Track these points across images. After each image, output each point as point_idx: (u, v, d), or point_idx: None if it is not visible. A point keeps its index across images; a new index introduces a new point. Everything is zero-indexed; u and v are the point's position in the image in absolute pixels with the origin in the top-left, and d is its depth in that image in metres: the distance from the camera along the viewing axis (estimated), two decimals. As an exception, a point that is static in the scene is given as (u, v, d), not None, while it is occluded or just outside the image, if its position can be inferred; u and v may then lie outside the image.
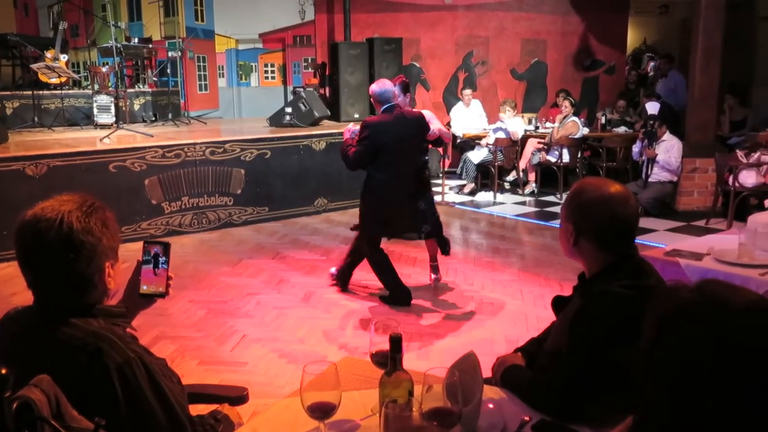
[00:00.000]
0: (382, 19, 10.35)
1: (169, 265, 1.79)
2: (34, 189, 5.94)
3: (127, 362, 1.48)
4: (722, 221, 7.16)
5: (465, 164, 9.31)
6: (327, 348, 4.14)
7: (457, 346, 4.07)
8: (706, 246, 3.55)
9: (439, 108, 10.73)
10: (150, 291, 1.78)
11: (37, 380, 1.37)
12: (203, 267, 5.83)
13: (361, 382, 1.95)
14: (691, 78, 8.07)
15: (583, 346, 1.75)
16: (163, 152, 6.77)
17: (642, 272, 1.83)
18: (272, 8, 12.04)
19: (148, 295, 1.78)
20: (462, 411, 1.54)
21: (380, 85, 4.79)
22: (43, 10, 12.70)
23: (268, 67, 12.74)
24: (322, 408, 1.59)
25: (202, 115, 11.16)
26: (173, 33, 11.83)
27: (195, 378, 3.71)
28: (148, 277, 1.77)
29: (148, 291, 1.77)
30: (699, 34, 7.78)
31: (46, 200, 1.56)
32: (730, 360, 1.02)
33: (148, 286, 1.77)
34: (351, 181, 8.05)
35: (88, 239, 1.53)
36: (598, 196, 1.84)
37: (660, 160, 7.71)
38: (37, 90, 8.98)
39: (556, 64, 10.84)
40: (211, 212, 7.11)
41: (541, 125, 9.82)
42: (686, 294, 1.10)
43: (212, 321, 4.64)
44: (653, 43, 13.20)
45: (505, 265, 5.86)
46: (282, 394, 3.32)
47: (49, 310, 1.55)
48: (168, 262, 1.79)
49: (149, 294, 1.78)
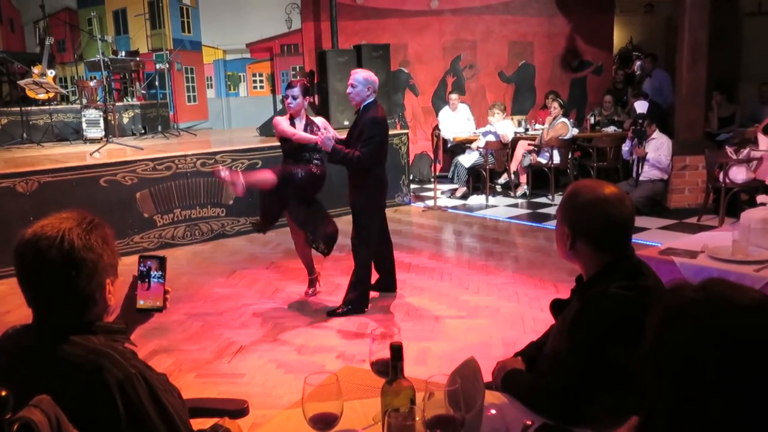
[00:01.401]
0: (369, 25, 10.37)
1: (165, 279, 1.78)
2: (25, 206, 5.92)
3: (128, 378, 1.47)
4: (714, 218, 7.21)
5: (456, 168, 9.33)
6: (325, 357, 4.13)
7: (454, 350, 4.07)
8: (700, 244, 3.56)
9: (429, 113, 10.77)
10: (147, 305, 1.77)
11: (37, 401, 1.35)
12: (197, 279, 5.81)
13: (362, 392, 1.94)
14: (678, 76, 8.12)
15: (583, 349, 1.75)
16: (153, 165, 6.76)
17: (639, 273, 1.83)
18: (259, 18, 12.05)
19: (146, 310, 1.77)
20: (464, 418, 1.53)
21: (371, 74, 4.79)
22: (29, 25, 12.68)
23: (257, 76, 12.75)
24: (325, 419, 1.58)
25: (191, 126, 11.15)
26: (160, 45, 11.82)
27: (193, 391, 3.68)
28: (144, 292, 1.76)
29: (145, 306, 1.77)
30: (684, 32, 7.84)
31: (44, 218, 1.55)
32: (735, 359, 1.02)
33: (145, 300, 1.76)
34: (342, 188, 8.01)
35: (90, 256, 1.52)
36: (593, 198, 1.84)
37: (650, 159, 7.75)
38: (25, 106, 8.97)
39: (544, 65, 10.89)
40: (203, 224, 7.09)
41: (530, 127, 9.86)
42: (691, 293, 1.11)
43: (208, 333, 4.62)
44: (639, 42, 13.30)
45: (499, 268, 5.87)
46: (281, 405, 3.31)
47: (48, 328, 1.54)
48: (164, 276, 1.78)
49: (146, 309, 1.77)
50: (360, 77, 4.70)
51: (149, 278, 1.77)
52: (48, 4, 10.86)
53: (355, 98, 4.73)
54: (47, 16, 10.95)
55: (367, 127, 4.66)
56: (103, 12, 12.62)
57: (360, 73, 4.76)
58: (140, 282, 1.76)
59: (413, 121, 10.78)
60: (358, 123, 4.77)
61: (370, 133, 4.64)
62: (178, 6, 12.29)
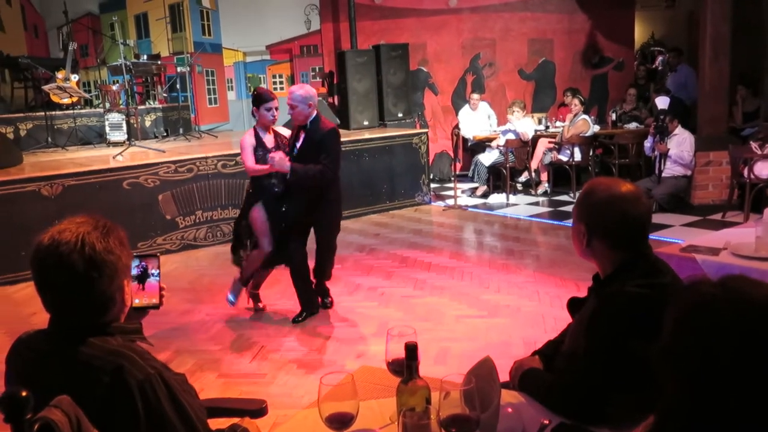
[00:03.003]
0: (388, 25, 10.37)
1: (160, 276, 1.81)
2: (49, 209, 6.01)
3: (148, 379, 1.49)
4: (739, 214, 7.10)
5: (476, 167, 9.30)
6: (345, 357, 4.15)
7: (474, 349, 4.06)
8: (723, 240, 3.52)
9: (449, 112, 10.75)
10: (143, 304, 1.80)
11: (57, 401, 1.38)
12: (219, 280, 5.85)
13: (379, 391, 1.95)
14: (701, 71, 8.02)
15: (600, 348, 1.74)
16: (175, 167, 6.82)
17: (657, 271, 1.81)
18: (278, 19, 12.10)
19: (141, 308, 1.80)
20: (480, 417, 1.53)
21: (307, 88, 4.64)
22: (52, 31, 12.85)
23: (276, 78, 12.80)
24: (340, 419, 1.59)
25: (212, 128, 11.23)
26: (181, 48, 11.93)
27: (215, 391, 3.72)
28: (139, 291, 1.79)
29: (140, 304, 1.79)
30: (706, 27, 7.74)
31: (57, 224, 1.57)
32: (753, 355, 1.01)
33: (140, 299, 1.79)
34: (363, 188, 8.10)
35: (110, 258, 1.55)
36: (608, 196, 1.83)
37: (672, 155, 7.66)
38: (49, 111, 9.10)
39: (564, 62, 10.82)
40: (225, 225, 7.14)
41: (551, 125, 9.79)
42: (708, 289, 1.10)
43: (230, 333, 4.65)
44: (661, 38, 13.12)
45: (520, 267, 5.84)
46: (301, 405, 3.33)
47: (67, 330, 1.57)
48: (159, 274, 1.81)
49: (142, 307, 1.80)
50: (298, 96, 4.48)
51: (145, 276, 1.79)
52: (71, 9, 11.01)
53: (299, 117, 4.54)
54: (70, 22, 11.10)
55: (328, 140, 4.53)
56: (125, 16, 12.76)
57: (296, 92, 4.52)
58: (135, 281, 1.78)
59: (433, 120, 10.77)
60: (311, 138, 4.55)
61: (331, 145, 4.54)
62: (198, 9, 12.38)
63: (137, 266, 1.79)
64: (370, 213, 8.21)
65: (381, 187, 8.36)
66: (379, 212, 8.29)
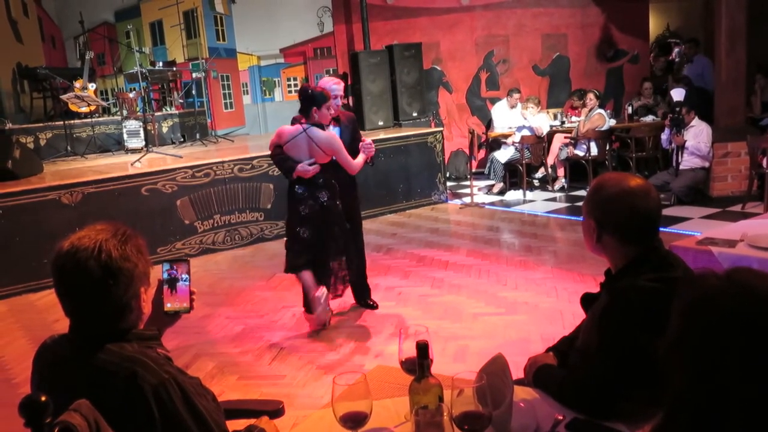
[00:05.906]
0: (400, 25, 10.38)
1: (190, 281, 1.83)
2: (70, 217, 6.09)
3: (162, 384, 1.52)
4: (759, 205, 7.02)
5: (492, 164, 9.27)
6: (363, 357, 4.17)
7: (493, 347, 4.05)
8: (740, 232, 3.47)
9: (463, 110, 10.74)
10: (174, 308, 1.81)
11: (76, 405, 1.41)
12: (238, 283, 5.90)
13: (393, 390, 1.96)
14: (717, 61, 7.94)
15: (613, 343, 1.74)
16: (192, 172, 6.89)
17: (668, 264, 1.81)
18: (291, 23, 12.16)
19: (173, 313, 1.82)
20: (492, 414, 1.54)
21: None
22: (69, 41, 13.02)
23: (291, 81, 12.86)
24: (354, 418, 1.61)
25: (229, 133, 11.32)
26: (196, 54, 12.02)
27: (235, 393, 3.76)
28: (170, 296, 1.81)
29: (172, 308, 1.81)
30: (722, 17, 7.66)
31: (78, 231, 1.61)
32: (760, 348, 1.01)
33: (172, 303, 1.81)
34: (379, 188, 8.12)
35: (126, 266, 1.58)
36: (618, 191, 1.83)
37: (689, 146, 7.60)
38: (68, 120, 9.23)
39: (579, 57, 10.76)
40: (243, 228, 7.20)
41: (566, 120, 9.74)
42: (714, 281, 1.10)
43: (249, 336, 4.69)
44: (677, 29, 13.00)
45: (538, 263, 5.82)
46: (320, 405, 3.35)
47: (86, 336, 1.60)
48: (189, 278, 1.82)
49: (174, 311, 1.81)
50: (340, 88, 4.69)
51: (176, 281, 1.81)
52: (87, 19, 11.14)
53: (337, 110, 4.64)
54: (87, 32, 11.23)
55: (355, 125, 4.79)
56: (140, 24, 12.88)
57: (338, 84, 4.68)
58: (166, 286, 1.81)
59: (448, 119, 10.76)
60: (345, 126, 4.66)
61: (358, 129, 4.82)
62: (212, 15, 12.48)
63: (168, 270, 1.81)
64: (386, 213, 8.22)
65: (397, 186, 8.37)
66: (396, 212, 8.30)
